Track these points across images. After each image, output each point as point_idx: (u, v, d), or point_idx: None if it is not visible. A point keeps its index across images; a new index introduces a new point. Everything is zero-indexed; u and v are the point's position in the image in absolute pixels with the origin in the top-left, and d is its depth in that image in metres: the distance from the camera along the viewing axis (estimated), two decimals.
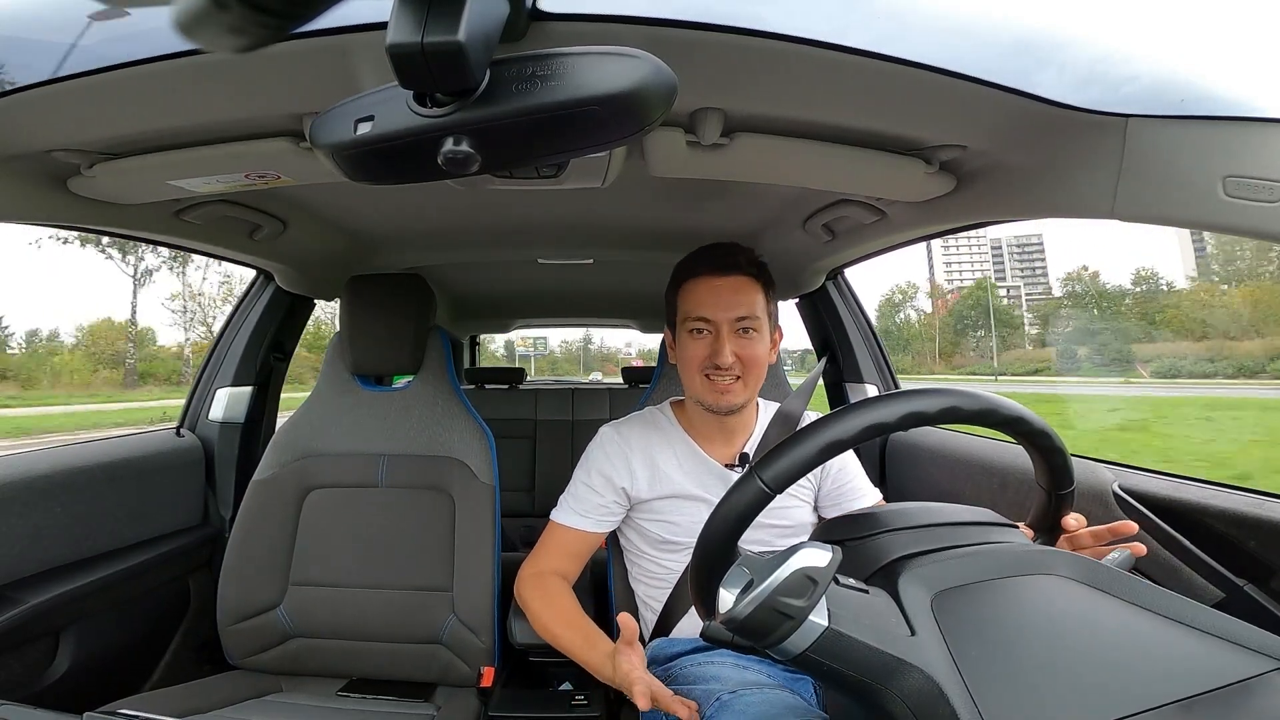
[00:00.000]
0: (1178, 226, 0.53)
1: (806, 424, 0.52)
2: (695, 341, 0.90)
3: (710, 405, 0.90)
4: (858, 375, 1.50)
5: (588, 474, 0.96)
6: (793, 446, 0.49)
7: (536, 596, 0.90)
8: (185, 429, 1.36)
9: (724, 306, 0.88)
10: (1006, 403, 0.53)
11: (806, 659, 0.44)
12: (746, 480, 0.49)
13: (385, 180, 0.43)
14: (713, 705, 0.73)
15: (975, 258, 77.52)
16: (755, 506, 0.49)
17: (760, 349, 0.90)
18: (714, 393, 0.89)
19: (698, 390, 0.91)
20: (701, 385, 0.90)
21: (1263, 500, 0.73)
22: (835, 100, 0.58)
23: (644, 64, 0.35)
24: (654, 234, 1.33)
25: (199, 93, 0.57)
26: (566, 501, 0.96)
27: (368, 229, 1.29)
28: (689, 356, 0.90)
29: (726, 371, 0.87)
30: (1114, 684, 0.41)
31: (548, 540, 0.96)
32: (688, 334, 0.91)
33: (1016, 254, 74.65)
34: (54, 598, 0.95)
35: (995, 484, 1.08)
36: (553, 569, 0.93)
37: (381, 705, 1.00)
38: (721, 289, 0.89)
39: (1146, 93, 0.51)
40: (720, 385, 0.88)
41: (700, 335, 0.89)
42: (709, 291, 0.89)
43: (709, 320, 0.88)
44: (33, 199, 0.74)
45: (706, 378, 0.89)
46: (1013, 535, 0.56)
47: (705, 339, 0.89)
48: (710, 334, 0.89)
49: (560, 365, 55.70)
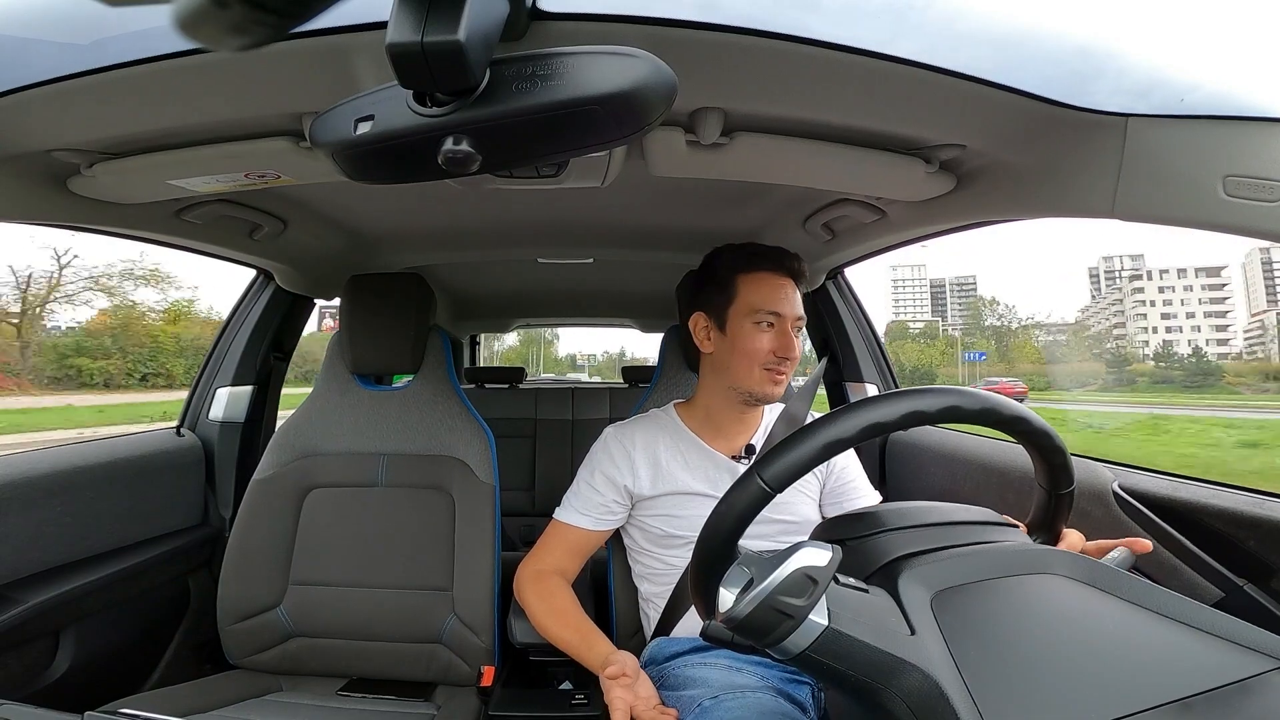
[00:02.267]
0: (1178, 226, 0.53)
1: (807, 423, 0.52)
2: (762, 334, 0.92)
3: (761, 396, 0.93)
4: (858, 375, 1.50)
5: (591, 473, 0.97)
6: (793, 446, 0.49)
7: (536, 595, 0.91)
8: (185, 428, 1.36)
9: (791, 304, 0.93)
10: (1007, 402, 0.53)
11: (806, 658, 0.44)
12: (746, 479, 0.49)
13: (385, 180, 0.43)
14: (694, 711, 0.73)
15: (918, 296, 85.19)
16: (755, 506, 0.49)
17: (799, 349, 0.96)
18: (770, 383, 0.92)
19: (754, 380, 0.92)
20: (760, 375, 0.92)
21: (1262, 500, 0.73)
22: (835, 100, 0.58)
23: (644, 63, 0.35)
24: (654, 234, 1.32)
25: (199, 92, 0.57)
26: (569, 500, 0.98)
27: (368, 228, 1.29)
28: (754, 348, 0.92)
29: (786, 365, 0.92)
30: (1113, 683, 0.41)
31: (549, 538, 0.97)
32: (753, 325, 0.92)
33: (955, 291, 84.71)
34: (54, 597, 0.95)
35: (995, 484, 1.08)
36: (552, 567, 0.94)
37: (381, 705, 1.00)
38: (786, 288, 0.94)
39: (1147, 92, 0.51)
40: (778, 375, 0.92)
41: (767, 328, 0.92)
42: (778, 289, 0.93)
43: (779, 315, 0.92)
44: (32, 199, 0.74)
45: (766, 369, 0.92)
46: (1012, 534, 0.56)
47: (771, 332, 0.92)
48: (774, 328, 0.92)
49: (603, 370, 60.65)
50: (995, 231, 1.42)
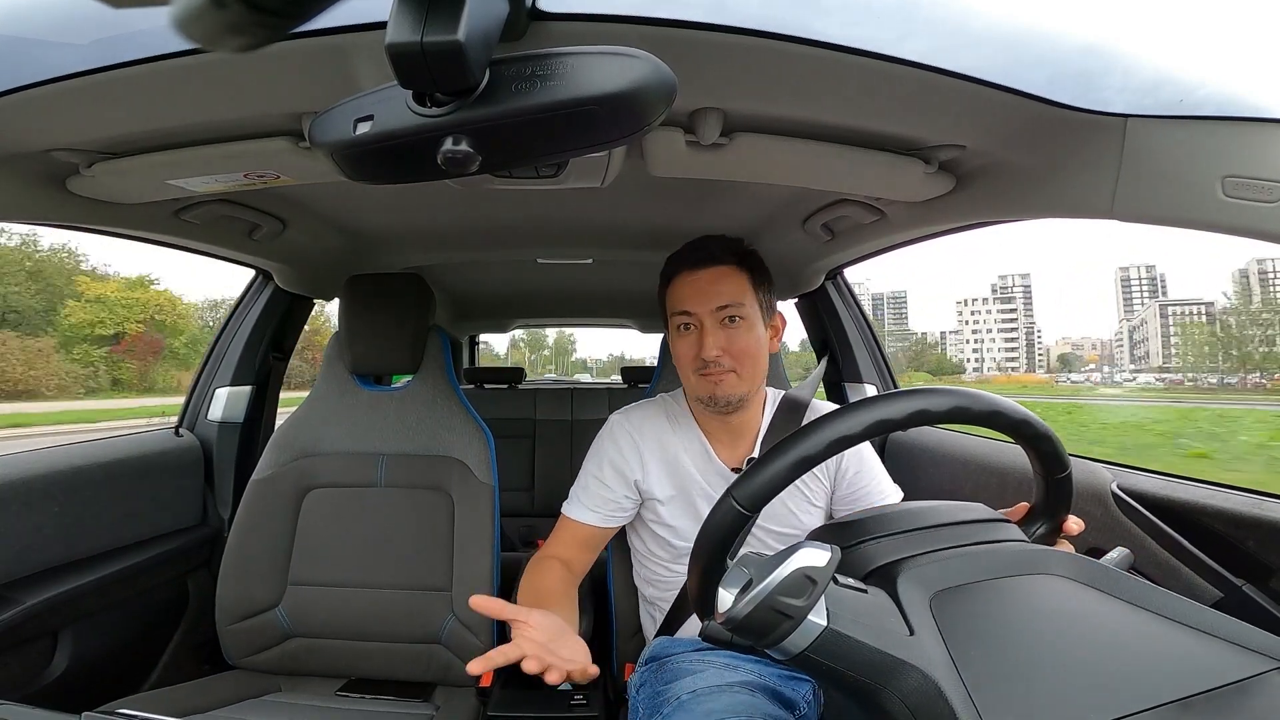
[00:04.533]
0: (1177, 226, 0.53)
1: (777, 442, 0.51)
2: (683, 338, 0.88)
3: (707, 398, 0.87)
4: (857, 375, 1.50)
5: (598, 466, 0.93)
6: (764, 466, 0.49)
7: (526, 576, 0.88)
8: (184, 428, 1.36)
9: (703, 298, 0.86)
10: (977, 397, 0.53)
11: (805, 659, 0.44)
12: (721, 502, 0.50)
13: (385, 180, 0.43)
14: (672, 704, 0.73)
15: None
16: (734, 529, 0.49)
17: (750, 338, 0.86)
18: (708, 385, 0.85)
19: (694, 387, 0.89)
20: (697, 381, 0.87)
21: (1261, 500, 0.73)
22: (834, 100, 0.58)
23: (643, 64, 0.35)
24: (653, 234, 1.32)
25: (198, 92, 0.57)
26: (576, 495, 0.94)
27: (367, 228, 1.29)
28: (679, 354, 0.89)
29: (714, 364, 0.84)
30: (1112, 683, 0.41)
31: (557, 532, 0.94)
32: (675, 331, 0.89)
33: (890, 304, 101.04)
34: (52, 597, 0.95)
35: (995, 484, 1.08)
36: (557, 555, 0.91)
37: (380, 705, 1.00)
38: (700, 280, 0.87)
39: (1146, 93, 0.51)
40: (712, 376, 0.85)
41: (687, 331, 0.88)
42: (688, 285, 0.87)
43: (690, 313, 0.87)
44: (31, 199, 0.74)
45: (699, 373, 0.86)
46: (1009, 531, 0.56)
47: (692, 334, 0.87)
48: (695, 328, 0.87)
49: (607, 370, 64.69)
50: (918, 251, 1.46)
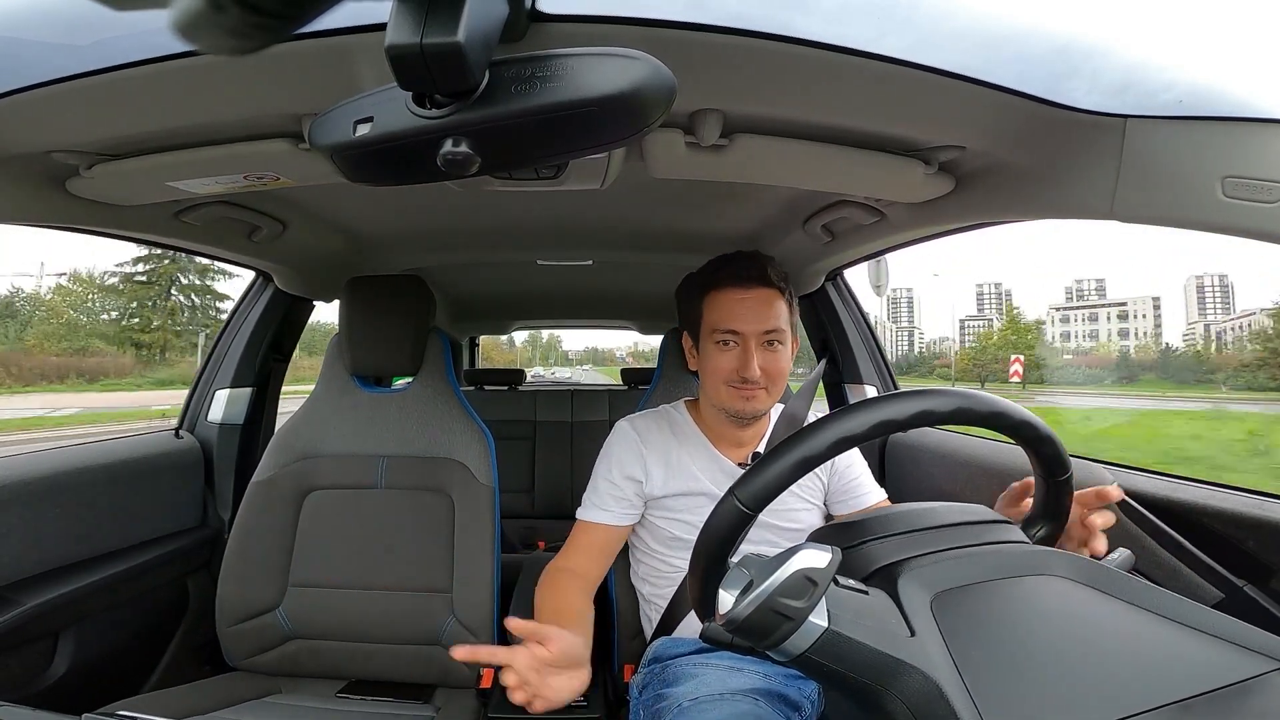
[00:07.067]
0: (1176, 227, 0.53)
1: (780, 442, 0.51)
2: (723, 353, 0.89)
3: (735, 412, 0.90)
4: (857, 376, 1.50)
5: (609, 469, 0.96)
6: (767, 465, 0.49)
7: (541, 591, 0.90)
8: (184, 430, 1.36)
9: (752, 320, 0.87)
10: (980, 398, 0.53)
11: (806, 660, 0.44)
12: (724, 501, 0.50)
13: (384, 181, 0.43)
14: (673, 712, 0.73)
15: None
16: (736, 529, 0.49)
17: (785, 361, 0.90)
18: (740, 400, 0.88)
19: (722, 398, 0.90)
20: (727, 394, 0.89)
21: (1262, 501, 0.73)
22: (834, 101, 0.58)
23: (643, 65, 0.35)
24: (653, 235, 1.32)
25: (198, 93, 0.57)
26: (590, 499, 0.97)
27: (367, 230, 1.29)
28: (715, 368, 0.90)
29: (754, 382, 0.87)
30: (1113, 684, 0.41)
31: (573, 538, 0.96)
32: (714, 345, 0.90)
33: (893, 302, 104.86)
34: (53, 599, 0.95)
35: (994, 484, 1.08)
36: (572, 566, 0.93)
37: (381, 707, 1.00)
38: (749, 301, 0.88)
39: (1145, 93, 0.51)
40: (746, 392, 0.88)
41: (728, 347, 0.89)
42: (737, 304, 0.88)
43: (737, 333, 0.88)
44: (31, 200, 0.74)
45: (732, 387, 0.89)
46: (1010, 533, 0.56)
47: (733, 351, 0.88)
48: (737, 346, 0.88)
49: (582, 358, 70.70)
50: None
